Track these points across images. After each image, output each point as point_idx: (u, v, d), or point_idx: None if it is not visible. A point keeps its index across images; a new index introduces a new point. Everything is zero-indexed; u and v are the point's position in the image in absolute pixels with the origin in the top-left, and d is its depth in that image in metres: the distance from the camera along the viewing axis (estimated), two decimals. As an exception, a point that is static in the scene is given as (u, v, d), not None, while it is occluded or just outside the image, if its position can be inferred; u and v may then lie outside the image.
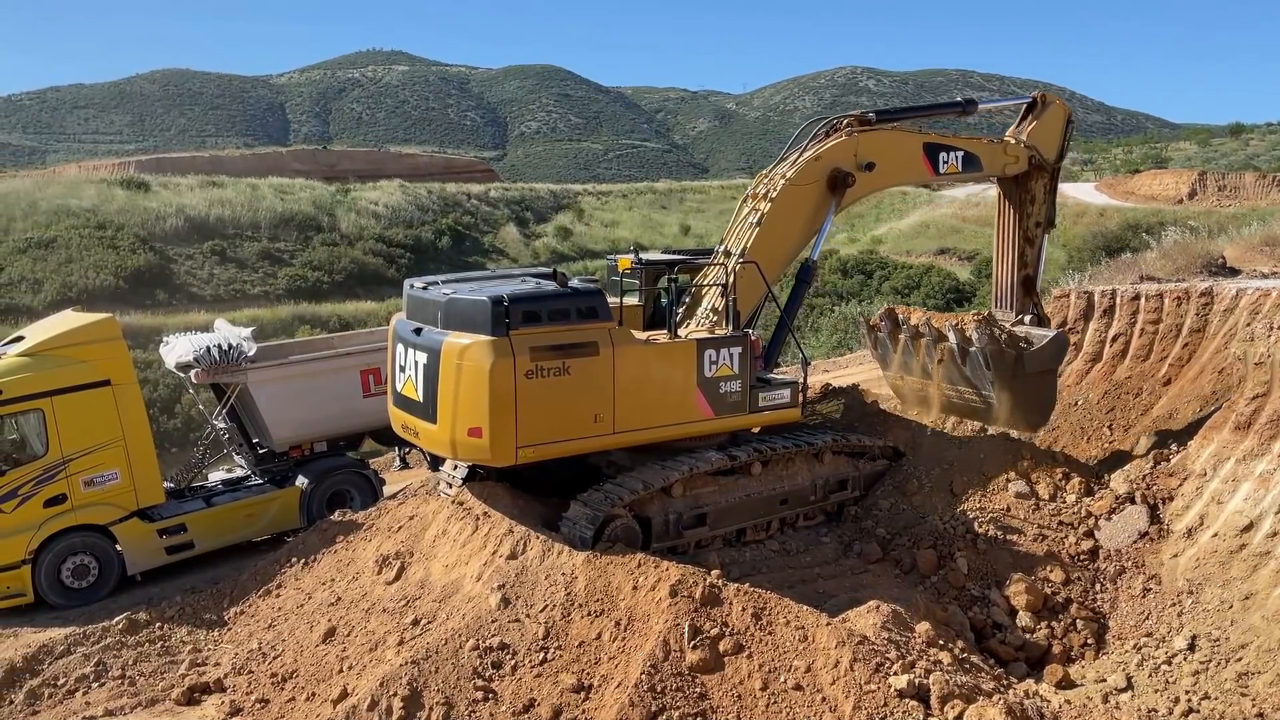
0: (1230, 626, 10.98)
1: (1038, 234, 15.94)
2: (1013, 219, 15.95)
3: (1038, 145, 15.49)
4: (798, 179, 13.46)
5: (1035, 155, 15.46)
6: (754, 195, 13.76)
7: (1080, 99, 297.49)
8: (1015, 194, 15.85)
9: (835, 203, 13.73)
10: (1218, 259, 22.56)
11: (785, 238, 13.58)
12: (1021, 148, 15.37)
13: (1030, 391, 14.64)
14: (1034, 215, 15.83)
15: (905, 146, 14.46)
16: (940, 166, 14.59)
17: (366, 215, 66.44)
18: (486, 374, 10.92)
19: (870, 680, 9.30)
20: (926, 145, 14.54)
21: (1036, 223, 15.87)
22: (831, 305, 45.11)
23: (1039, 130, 15.60)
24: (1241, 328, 15.50)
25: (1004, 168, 15.34)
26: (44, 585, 13.53)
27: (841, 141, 13.72)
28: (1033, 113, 15.79)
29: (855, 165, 13.67)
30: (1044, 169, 15.67)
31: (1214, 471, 13.08)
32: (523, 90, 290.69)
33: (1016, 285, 15.88)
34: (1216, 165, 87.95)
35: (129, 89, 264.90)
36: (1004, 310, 15.94)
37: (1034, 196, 15.76)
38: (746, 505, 12.94)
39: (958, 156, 14.72)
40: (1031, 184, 15.71)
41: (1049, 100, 15.83)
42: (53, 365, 13.49)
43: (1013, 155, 15.32)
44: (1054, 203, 16.18)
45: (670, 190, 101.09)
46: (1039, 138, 15.56)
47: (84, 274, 47.34)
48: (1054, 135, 15.78)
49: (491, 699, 9.58)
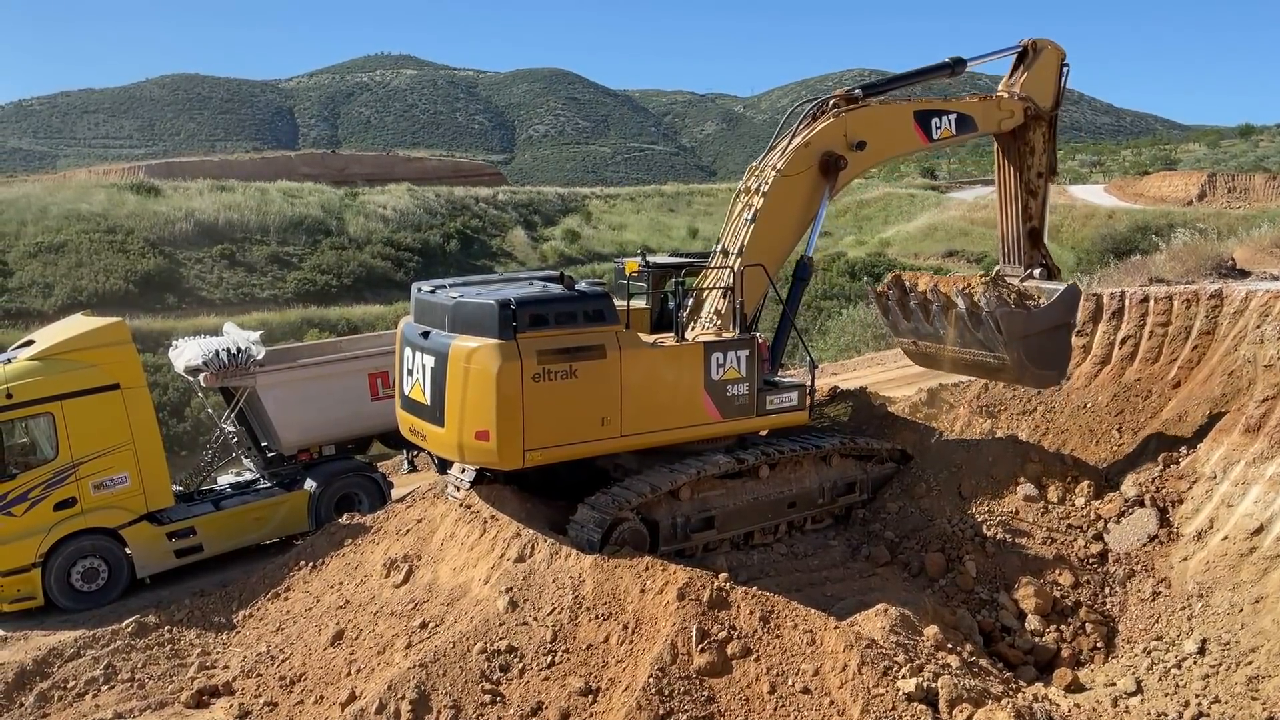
0: (1241, 630, 10.92)
1: (1040, 185, 15.53)
2: (1012, 173, 15.54)
3: (1032, 95, 15.02)
4: (788, 169, 13.19)
5: (1030, 106, 15.01)
6: (746, 190, 13.50)
7: (1089, 101, 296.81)
8: (1013, 147, 15.42)
9: (829, 187, 13.45)
10: (1227, 261, 22.51)
11: (782, 231, 13.37)
12: (1015, 101, 14.92)
13: (1045, 347, 14.36)
14: (1034, 166, 15.40)
15: (895, 118, 14.10)
16: (933, 133, 14.25)
17: (375, 219, 66.58)
18: (493, 377, 10.93)
19: (878, 684, 9.28)
20: (917, 113, 14.16)
21: (1038, 173, 15.45)
22: (839, 308, 45.06)
23: (1032, 79, 15.10)
24: (1251, 330, 15.43)
25: (999, 124, 14.94)
26: (54, 588, 13.58)
27: (830, 123, 13.44)
28: (1024, 62, 15.24)
29: (846, 146, 13.38)
30: (1041, 118, 15.24)
31: (1224, 474, 13.02)
32: (530, 94, 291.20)
33: (1023, 239, 15.51)
34: (1226, 167, 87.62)
35: (139, 94, 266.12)
36: (1012, 265, 15.58)
37: (1033, 147, 15.34)
38: (754, 508, 12.92)
39: (950, 120, 14.37)
40: (1030, 135, 15.26)
41: (1040, 46, 15.27)
42: (63, 369, 13.55)
43: (1007, 110, 14.92)
44: (1054, 150, 15.71)
45: (678, 193, 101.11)
46: (1033, 87, 15.08)
47: (94, 278, 47.55)
48: (1048, 82, 15.28)
49: (499, 702, 9.59)
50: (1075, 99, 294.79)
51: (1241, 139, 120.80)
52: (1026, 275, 15.28)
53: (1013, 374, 14.77)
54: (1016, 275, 15.40)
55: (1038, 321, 14.32)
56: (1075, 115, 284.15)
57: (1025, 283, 15.11)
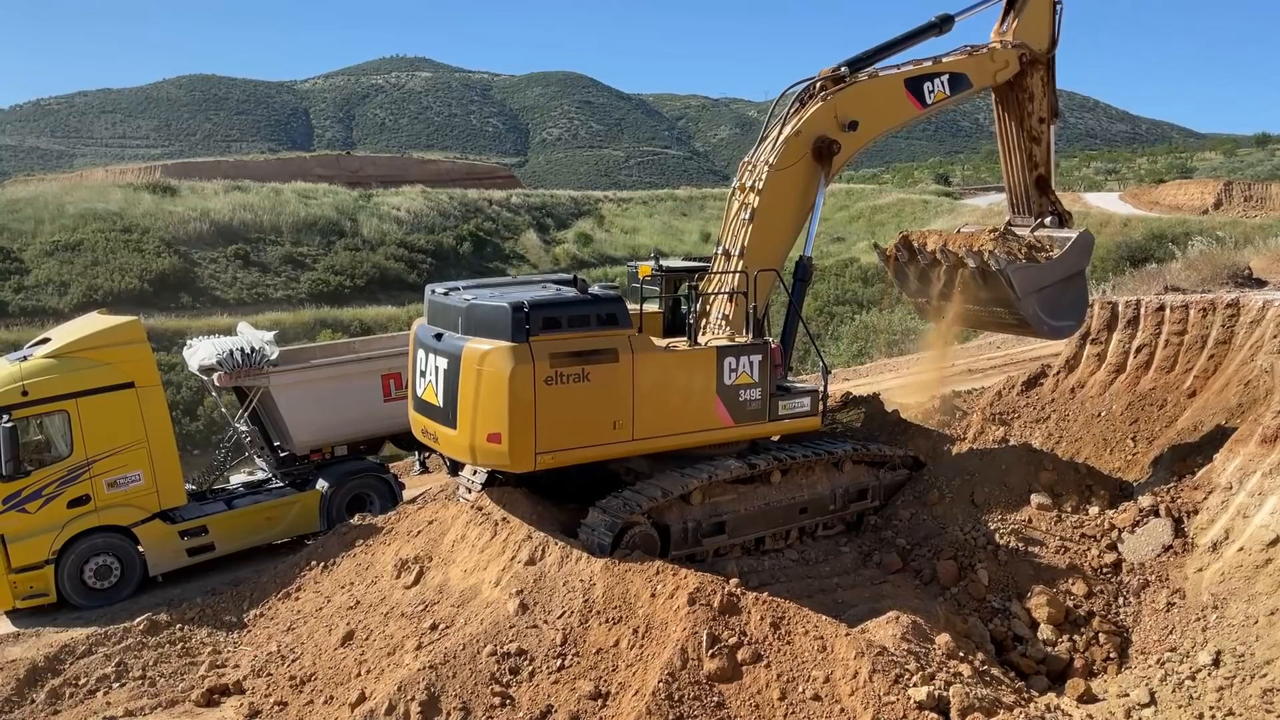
0: (1256, 642, 10.83)
1: (1043, 130, 15.22)
2: (1013, 122, 15.23)
3: (1026, 40, 14.71)
4: (781, 162, 12.99)
5: (1025, 52, 14.70)
6: (741, 188, 13.32)
7: (1105, 108, 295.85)
8: (1011, 97, 15.10)
9: (825, 173, 13.24)
10: (1244, 270, 22.40)
11: (782, 227, 13.25)
12: (1009, 50, 14.62)
13: (1060, 298, 14.19)
14: (1036, 112, 15.08)
15: (886, 91, 13.80)
16: (927, 97, 13.94)
17: (389, 220, 66.77)
18: (506, 380, 10.92)
19: (889, 691, 9.24)
20: (908, 81, 13.87)
21: (1040, 119, 15.14)
22: (852, 314, 44.95)
23: (1024, 25, 14.81)
24: (1268, 339, 15.33)
25: (995, 76, 14.64)
26: (66, 585, 13.64)
27: (819, 108, 13.20)
28: (1014, 7, 14.92)
29: (838, 128, 13.16)
30: (1038, 62, 14.91)
31: (1240, 485, 12.92)
32: (544, 97, 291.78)
33: (1030, 187, 15.20)
34: (1242, 175, 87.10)
35: (156, 94, 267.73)
36: (1022, 216, 15.28)
37: (1032, 94, 15.03)
38: (766, 514, 12.88)
39: (943, 81, 14.05)
40: (1027, 82, 14.95)
41: None
42: (78, 367, 13.62)
43: (1001, 61, 14.60)
44: (1055, 91, 15.31)
45: (691, 197, 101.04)
46: (1025, 32, 14.78)
47: (109, 277, 47.83)
48: (1041, 24, 14.96)
49: (509, 705, 9.58)
50: (1091, 106, 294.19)
51: (1258, 147, 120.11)
52: (1037, 224, 14.96)
53: (1029, 328, 14.44)
54: (1027, 225, 15.06)
55: (1050, 273, 14.01)
56: (1091, 123, 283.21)
57: (1036, 232, 14.74)
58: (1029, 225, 15.07)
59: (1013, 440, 16.42)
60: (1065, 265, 14.20)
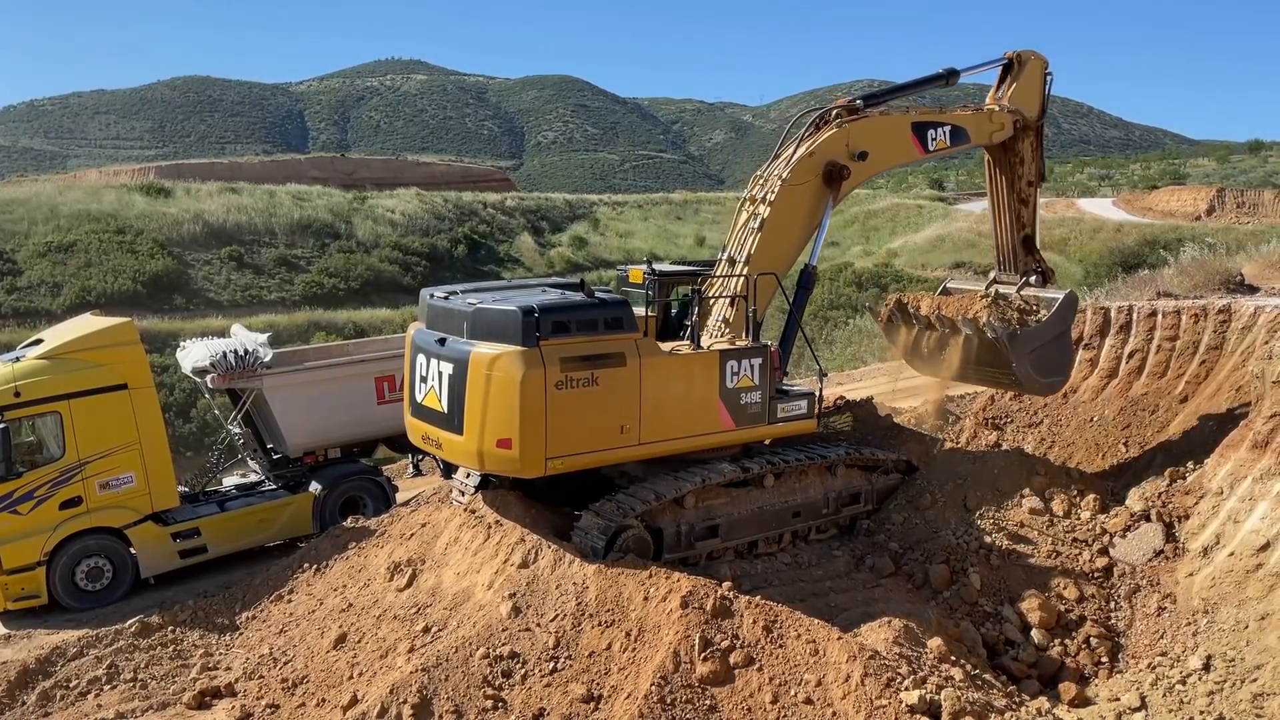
0: (1246, 647, 10.86)
1: (1030, 192, 15.97)
2: (1004, 183, 15.99)
3: (1020, 107, 15.46)
4: (793, 178, 13.38)
5: (1019, 118, 15.43)
6: (751, 199, 13.68)
7: (1098, 114, 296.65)
8: (1004, 158, 15.88)
9: (833, 196, 13.69)
10: (1236, 276, 22.43)
11: (788, 239, 13.56)
12: (1005, 114, 15.33)
13: (1049, 357, 14.91)
14: (1025, 175, 15.83)
15: (895, 129, 14.43)
16: (929, 144, 14.62)
17: (383, 223, 66.71)
18: (517, 384, 10.88)
19: (881, 695, 9.25)
20: (914, 125, 14.52)
21: (1028, 182, 15.88)
22: (846, 318, 45.01)
23: (1019, 91, 15.54)
24: (1260, 345, 15.39)
25: (990, 136, 15.35)
26: (58, 587, 13.60)
27: (833, 134, 13.67)
28: (1010, 74, 15.69)
29: (849, 156, 13.65)
30: (1029, 128, 15.64)
31: (1231, 490, 12.97)
32: (540, 100, 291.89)
33: (1017, 246, 15.96)
34: (1235, 182, 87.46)
35: (150, 95, 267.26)
36: (1008, 273, 16.06)
37: (1022, 158, 15.77)
38: (759, 517, 12.90)
39: (945, 131, 14.74)
40: (1019, 146, 15.69)
41: (1024, 58, 15.71)
42: (70, 368, 13.59)
43: (998, 123, 15.32)
44: (1043, 157, 16.14)
45: (686, 201, 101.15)
46: (1020, 98, 15.52)
47: (103, 278, 47.71)
48: (1034, 93, 15.72)
49: (501, 708, 9.57)
50: (1085, 112, 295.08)
51: (1251, 154, 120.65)
52: (1023, 283, 15.72)
53: (1021, 386, 15.30)
54: (1013, 282, 15.86)
55: (1040, 335, 14.77)
56: (1084, 129, 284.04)
57: (1023, 291, 15.51)
58: (1014, 283, 15.85)
59: (1005, 445, 16.49)
60: (1054, 326, 14.96)
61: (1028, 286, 15.63)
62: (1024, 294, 15.47)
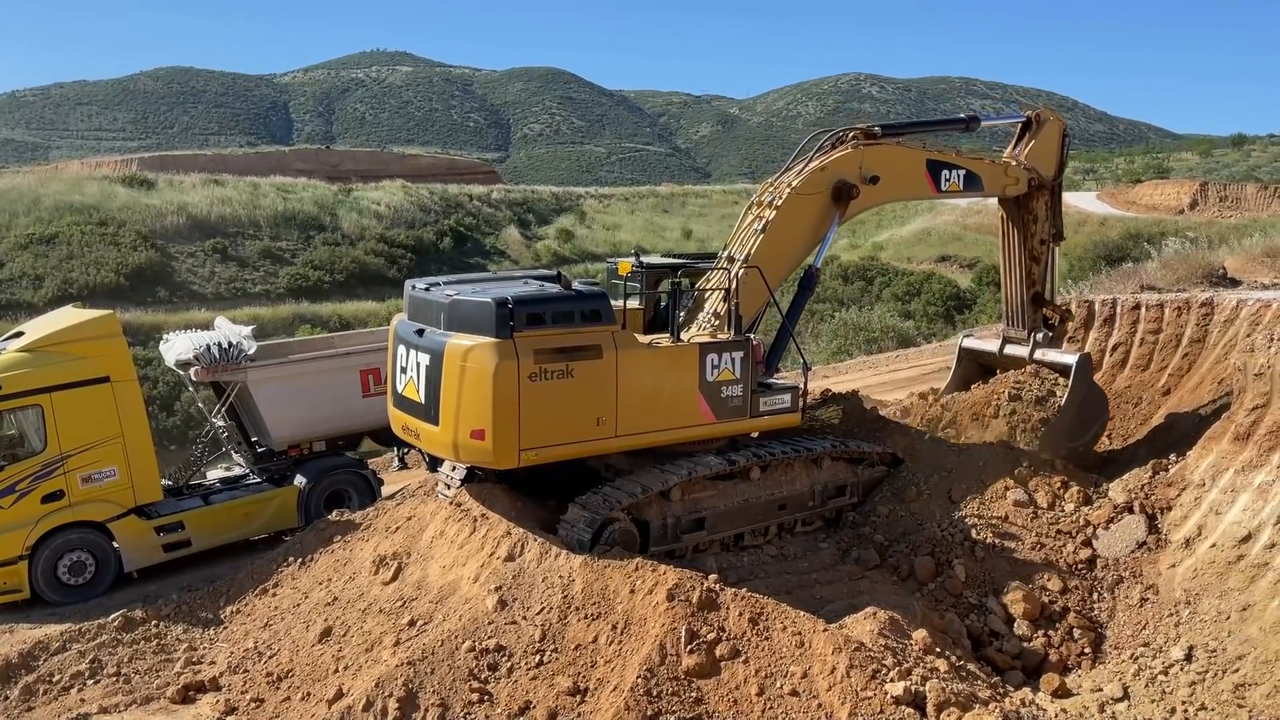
0: (1227, 638, 10.96)
1: (1043, 251, 16.06)
2: (1017, 237, 16.08)
3: (1036, 165, 15.62)
4: (803, 188, 13.58)
5: (1035, 176, 15.57)
6: (759, 203, 13.85)
7: (1083, 108, 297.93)
8: (1018, 214, 15.99)
9: (839, 214, 13.87)
10: (1219, 270, 22.59)
11: (789, 245, 13.67)
12: (1021, 169, 15.48)
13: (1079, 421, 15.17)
14: (1038, 234, 15.94)
15: (909, 162, 14.58)
16: (942, 184, 14.75)
17: (368, 215, 66.52)
18: (490, 376, 10.90)
19: (866, 687, 9.29)
20: (930, 162, 14.67)
21: (1041, 240, 15.98)
22: (832, 311, 45.14)
23: (1036, 149, 15.73)
24: (1242, 339, 15.49)
25: (1004, 189, 15.48)
26: (40, 581, 13.51)
27: (847, 153, 13.87)
28: (1029, 131, 15.90)
29: (860, 178, 13.81)
30: (1044, 187, 15.78)
31: (1213, 482, 13.07)
32: (526, 92, 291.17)
33: (1026, 303, 16.03)
34: (1218, 176, 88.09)
35: (133, 86, 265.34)
36: (1015, 328, 16.14)
37: (1036, 215, 15.89)
38: (745, 510, 12.93)
39: (960, 175, 14.86)
40: (1033, 203, 15.82)
41: (1043, 118, 15.93)
42: (52, 361, 13.49)
43: (1013, 177, 15.45)
44: (1059, 215, 16.29)
45: (672, 194, 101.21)
46: (1037, 157, 15.69)
47: (85, 270, 47.42)
48: (1051, 153, 15.91)
49: (487, 701, 9.57)
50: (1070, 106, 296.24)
51: (1234, 149, 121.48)
52: (1033, 344, 15.80)
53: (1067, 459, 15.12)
54: (1021, 339, 15.96)
55: (1066, 414, 14.93)
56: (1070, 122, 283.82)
57: (1035, 356, 15.62)
58: (1023, 339, 15.95)
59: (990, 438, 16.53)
60: (1076, 397, 15.01)
61: (1038, 347, 15.67)
62: (1038, 363, 15.51)
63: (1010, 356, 16.05)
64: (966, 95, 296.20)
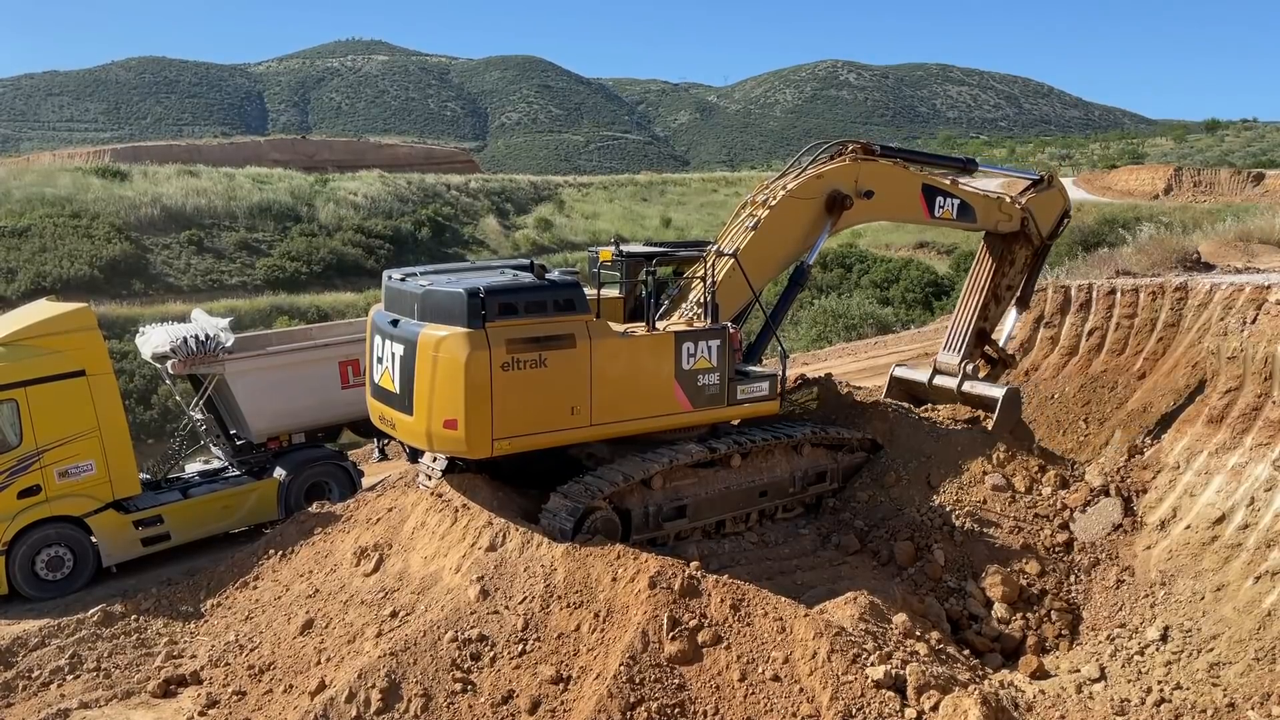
0: (1202, 618, 11.12)
1: (1007, 296, 16.25)
2: (988, 271, 16.20)
3: (1034, 212, 15.79)
4: (798, 192, 13.77)
5: (1029, 221, 15.72)
6: (753, 202, 13.97)
7: (1059, 94, 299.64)
8: (998, 249, 16.13)
9: (831, 222, 14.02)
10: (1192, 254, 22.83)
11: (778, 245, 13.83)
12: (1017, 208, 15.65)
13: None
14: (1008, 277, 16.11)
15: (904, 183, 14.71)
16: (936, 210, 14.86)
17: (345, 206, 66.06)
18: (462, 366, 10.89)
19: (847, 671, 9.36)
20: (925, 186, 14.79)
21: (1009, 285, 16.16)
22: (811, 299, 45.23)
23: (1039, 200, 15.95)
24: (1215, 322, 15.67)
25: (996, 224, 15.60)
26: (18, 577, 13.40)
27: (845, 165, 14.06)
28: (1036, 186, 16.14)
29: (854, 190, 13.99)
30: (1031, 241, 15.92)
31: (1187, 464, 13.23)
32: (503, 81, 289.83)
33: (970, 334, 16.06)
34: (1192, 161, 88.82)
35: (105, 76, 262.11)
36: (951, 353, 16.11)
37: (1014, 260, 16.06)
38: (726, 497, 12.97)
39: (954, 204, 14.99)
40: (1016, 247, 15.97)
41: (1055, 182, 16.18)
42: (27, 355, 13.35)
43: (1006, 213, 15.58)
44: (1032, 283, 16.52)
45: (651, 182, 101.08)
46: (1037, 207, 15.89)
47: (59, 263, 46.88)
48: (1051, 213, 16.14)
49: (470, 690, 9.58)
50: (1045, 92, 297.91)
51: (1208, 134, 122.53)
52: (962, 375, 15.66)
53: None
54: (951, 368, 15.85)
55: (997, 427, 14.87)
56: (1045, 109, 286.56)
57: (963, 388, 15.55)
58: (954, 371, 15.77)
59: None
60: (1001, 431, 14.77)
61: (967, 379, 15.61)
62: (965, 392, 15.47)
63: (939, 387, 15.90)
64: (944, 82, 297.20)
